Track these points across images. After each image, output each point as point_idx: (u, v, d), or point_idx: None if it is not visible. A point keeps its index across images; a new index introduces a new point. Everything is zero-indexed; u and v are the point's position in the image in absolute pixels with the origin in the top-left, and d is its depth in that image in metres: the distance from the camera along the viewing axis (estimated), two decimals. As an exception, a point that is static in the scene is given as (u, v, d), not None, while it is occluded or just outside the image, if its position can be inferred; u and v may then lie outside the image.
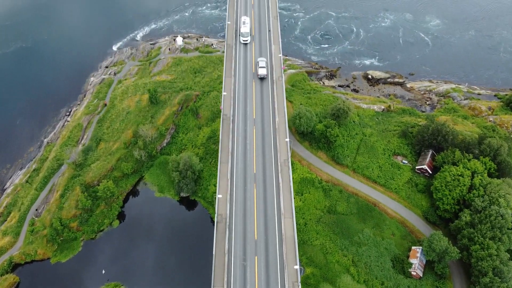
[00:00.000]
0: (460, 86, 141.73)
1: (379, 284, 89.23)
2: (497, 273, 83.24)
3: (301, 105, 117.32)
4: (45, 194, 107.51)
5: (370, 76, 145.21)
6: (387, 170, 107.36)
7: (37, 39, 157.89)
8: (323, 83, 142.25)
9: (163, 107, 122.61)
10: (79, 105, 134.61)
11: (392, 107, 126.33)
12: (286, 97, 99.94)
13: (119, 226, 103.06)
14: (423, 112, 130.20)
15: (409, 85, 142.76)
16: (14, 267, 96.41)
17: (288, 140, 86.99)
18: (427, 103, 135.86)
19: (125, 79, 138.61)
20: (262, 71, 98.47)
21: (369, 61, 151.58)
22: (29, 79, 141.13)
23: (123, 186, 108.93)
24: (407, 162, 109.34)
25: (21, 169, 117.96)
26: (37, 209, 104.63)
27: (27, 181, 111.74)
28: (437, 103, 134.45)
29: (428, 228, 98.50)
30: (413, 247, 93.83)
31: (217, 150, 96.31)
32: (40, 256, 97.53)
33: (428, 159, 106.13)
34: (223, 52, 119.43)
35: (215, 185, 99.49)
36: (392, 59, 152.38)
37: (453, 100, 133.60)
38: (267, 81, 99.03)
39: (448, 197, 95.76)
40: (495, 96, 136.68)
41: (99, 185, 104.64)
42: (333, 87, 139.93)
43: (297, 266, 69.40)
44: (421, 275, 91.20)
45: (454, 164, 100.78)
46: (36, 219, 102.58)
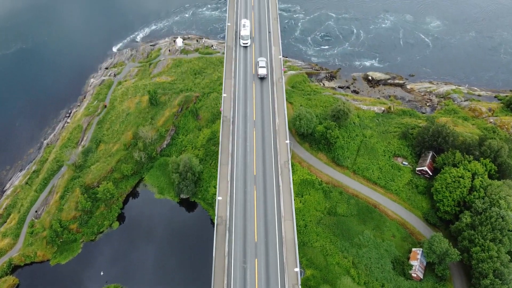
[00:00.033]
0: (460, 87, 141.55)
1: (380, 286, 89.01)
2: (498, 275, 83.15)
3: (301, 106, 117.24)
4: (45, 195, 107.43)
5: (370, 77, 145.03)
6: (388, 171, 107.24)
7: (37, 40, 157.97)
8: (323, 84, 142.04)
9: (163, 109, 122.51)
10: (79, 106, 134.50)
11: (392, 109, 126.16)
12: (286, 99, 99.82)
13: (119, 227, 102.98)
14: (423, 113, 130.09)
15: (409, 86, 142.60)
16: (13, 269, 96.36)
17: (288, 142, 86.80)
18: (427, 104, 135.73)
19: (125, 81, 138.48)
20: (262, 71, 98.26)
21: (369, 62, 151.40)
22: (29, 80, 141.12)
23: (123, 187, 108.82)
24: (407, 163, 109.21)
25: (21, 170, 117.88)
26: (36, 211, 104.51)
27: (26, 183, 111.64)
28: (437, 105, 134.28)
29: (428, 229, 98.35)
30: (414, 249, 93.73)
31: (217, 151, 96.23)
32: (39, 258, 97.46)
33: (428, 161, 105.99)
34: (223, 53, 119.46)
35: (215, 186, 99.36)
36: (392, 60, 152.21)
37: (454, 101, 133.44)
38: (267, 83, 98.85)
39: (448, 199, 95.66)
40: (495, 97, 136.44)
41: (99, 186, 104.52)
42: (333, 88, 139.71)
43: (297, 268, 69.24)
44: (422, 277, 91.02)
45: (454, 165, 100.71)
46: (35, 220, 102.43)
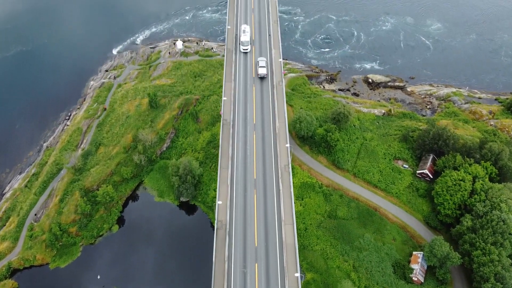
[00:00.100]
0: (460, 90, 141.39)
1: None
2: (499, 278, 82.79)
3: (302, 109, 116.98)
4: (44, 198, 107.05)
5: (370, 80, 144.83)
6: (388, 174, 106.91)
7: (37, 42, 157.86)
8: (324, 87, 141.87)
9: (163, 111, 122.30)
10: (78, 109, 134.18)
11: (392, 111, 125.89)
12: (286, 101, 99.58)
13: (118, 231, 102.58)
14: (424, 116, 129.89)
15: (409, 89, 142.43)
16: (12, 272, 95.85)
17: (288, 145, 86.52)
18: (428, 107, 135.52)
19: (125, 83, 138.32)
20: (262, 71, 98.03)
21: (369, 65, 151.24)
22: (28, 83, 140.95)
23: (123, 190, 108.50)
24: (408, 166, 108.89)
25: (20, 173, 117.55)
26: (36, 214, 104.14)
27: (26, 186, 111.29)
28: (437, 107, 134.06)
29: (429, 233, 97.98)
30: (414, 252, 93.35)
31: (217, 154, 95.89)
32: (39, 261, 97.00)
33: (429, 164, 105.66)
34: (223, 56, 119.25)
35: (215, 189, 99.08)
36: (392, 62, 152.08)
37: (454, 104, 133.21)
38: (267, 86, 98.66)
39: (449, 202, 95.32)
40: (496, 100, 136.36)
41: (98, 189, 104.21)
42: (334, 91, 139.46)
43: (297, 274, 68.90)
44: (422, 281, 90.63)
45: (455, 168, 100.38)
46: (35, 224, 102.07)
